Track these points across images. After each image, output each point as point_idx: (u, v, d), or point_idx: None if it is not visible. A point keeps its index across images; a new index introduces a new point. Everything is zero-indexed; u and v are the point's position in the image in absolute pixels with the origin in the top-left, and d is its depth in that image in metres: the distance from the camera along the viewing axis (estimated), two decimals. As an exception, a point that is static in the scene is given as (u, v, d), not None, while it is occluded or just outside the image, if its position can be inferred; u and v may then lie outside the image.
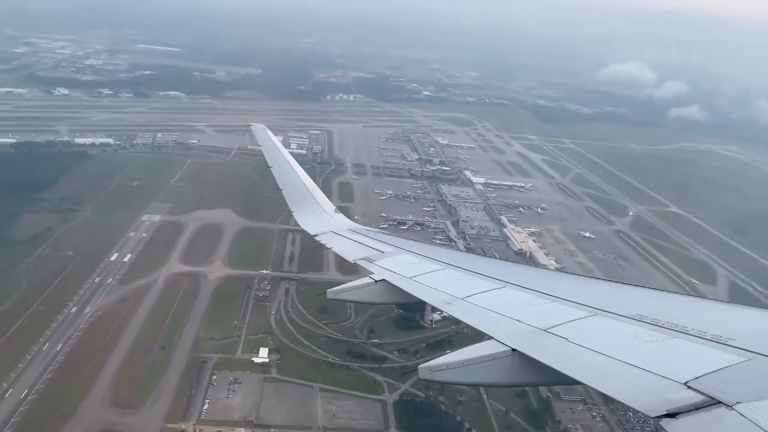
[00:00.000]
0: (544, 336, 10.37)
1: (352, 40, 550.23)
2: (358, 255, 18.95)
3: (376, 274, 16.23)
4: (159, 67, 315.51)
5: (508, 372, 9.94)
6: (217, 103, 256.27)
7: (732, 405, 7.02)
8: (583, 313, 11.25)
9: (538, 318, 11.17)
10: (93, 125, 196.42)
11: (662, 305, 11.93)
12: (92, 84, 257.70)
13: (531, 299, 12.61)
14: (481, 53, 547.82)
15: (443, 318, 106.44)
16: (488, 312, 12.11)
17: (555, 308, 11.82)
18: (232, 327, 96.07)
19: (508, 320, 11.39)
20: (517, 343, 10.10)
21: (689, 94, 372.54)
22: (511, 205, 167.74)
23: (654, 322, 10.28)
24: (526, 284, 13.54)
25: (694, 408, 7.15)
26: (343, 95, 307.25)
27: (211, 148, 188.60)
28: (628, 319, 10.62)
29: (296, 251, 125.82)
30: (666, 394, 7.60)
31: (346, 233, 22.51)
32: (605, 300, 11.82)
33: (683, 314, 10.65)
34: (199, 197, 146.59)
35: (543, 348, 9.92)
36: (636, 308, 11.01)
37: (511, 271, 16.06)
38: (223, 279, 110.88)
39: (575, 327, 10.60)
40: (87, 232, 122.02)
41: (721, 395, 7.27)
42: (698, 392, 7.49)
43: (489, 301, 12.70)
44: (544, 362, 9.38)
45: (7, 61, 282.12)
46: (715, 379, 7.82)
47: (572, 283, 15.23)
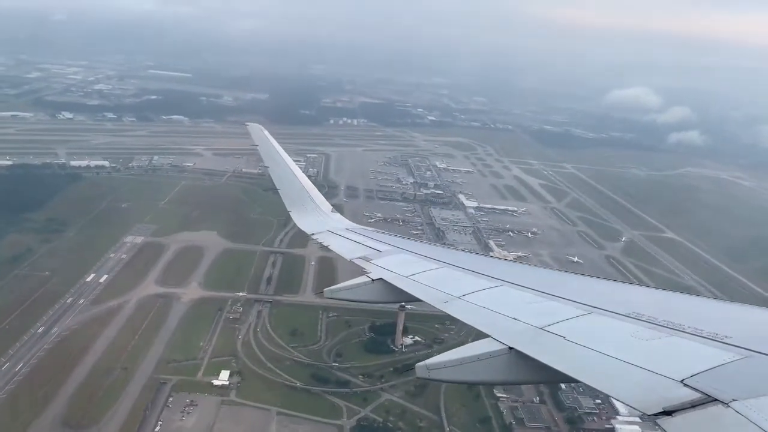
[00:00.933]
0: (541, 334, 10.36)
1: (362, 66, 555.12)
2: (355, 254, 18.83)
3: (373, 273, 16.14)
4: (166, 92, 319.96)
5: (505, 370, 9.93)
6: (219, 127, 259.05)
7: (728, 402, 7.00)
8: (579, 311, 11.25)
9: (535, 316, 11.15)
10: (92, 148, 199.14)
11: (659, 303, 11.93)
12: (98, 108, 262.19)
13: (528, 298, 12.61)
14: (490, 79, 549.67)
15: (414, 342, 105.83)
16: (485, 310, 12.04)
17: (552, 306, 11.79)
18: (197, 349, 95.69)
19: (505, 318, 11.35)
20: (514, 341, 10.08)
21: (694, 120, 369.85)
22: (502, 229, 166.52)
23: (650, 320, 10.30)
24: (524, 283, 13.55)
25: (691, 406, 7.15)
26: (347, 119, 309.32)
27: (206, 170, 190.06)
28: (624, 317, 10.64)
29: (275, 273, 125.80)
30: (662, 392, 7.63)
31: (343, 232, 22.65)
32: (602, 298, 11.86)
33: (679, 312, 10.69)
34: (186, 219, 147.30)
35: (540, 346, 9.90)
36: (633, 306, 11.04)
37: (509, 269, 15.93)
38: (197, 301, 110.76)
39: (572, 325, 10.59)
40: (67, 253, 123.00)
41: (717, 393, 7.26)
42: (695, 390, 7.48)
43: (486, 299, 12.64)
44: (541, 360, 9.38)
45: (18, 85, 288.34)
46: (712, 376, 7.81)
47: (569, 281, 15.18)
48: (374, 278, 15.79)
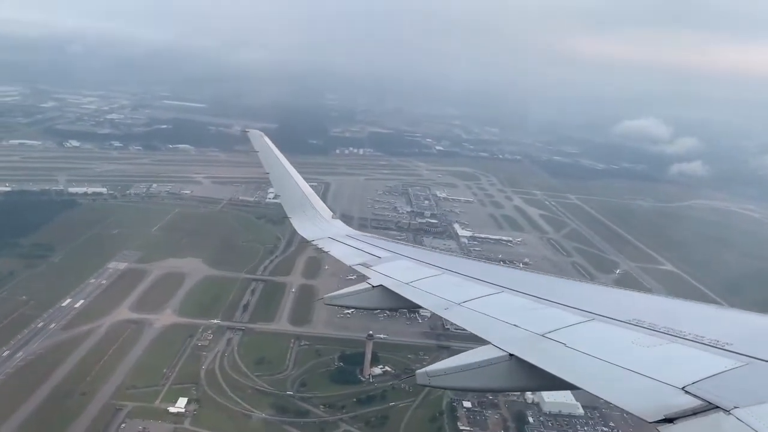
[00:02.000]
0: (542, 341, 10.34)
1: (377, 97, 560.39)
2: (356, 260, 18.79)
3: (373, 279, 16.00)
4: (177, 121, 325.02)
5: (505, 377, 9.90)
6: (224, 156, 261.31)
7: (729, 410, 6.94)
8: (580, 318, 11.23)
9: (535, 323, 11.13)
10: (93, 176, 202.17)
11: (659, 310, 12.01)
12: (106, 137, 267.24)
13: (528, 304, 12.61)
14: (506, 110, 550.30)
15: (384, 372, 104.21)
16: (485, 317, 12.03)
17: (552, 313, 11.81)
18: (159, 375, 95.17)
19: (506, 325, 11.35)
20: (514, 348, 10.07)
21: (704, 150, 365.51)
22: (492, 259, 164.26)
23: (651, 326, 10.27)
24: (524, 289, 13.55)
25: (692, 413, 7.11)
26: (354, 149, 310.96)
27: (202, 198, 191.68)
28: (625, 323, 10.63)
29: (253, 301, 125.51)
30: (663, 399, 7.57)
31: (343, 239, 22.58)
32: (603, 305, 11.86)
33: (680, 319, 10.66)
34: (173, 246, 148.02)
35: (540, 353, 9.88)
36: (633, 313, 11.02)
37: (509, 276, 16.04)
38: (168, 327, 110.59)
39: (572, 332, 10.59)
40: (48, 278, 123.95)
41: (718, 400, 7.20)
42: (696, 397, 7.43)
43: (486, 306, 12.65)
44: (542, 367, 9.35)
45: (31, 114, 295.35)
46: (713, 384, 7.77)
47: (570, 288, 15.05)
48: (374, 285, 15.65)
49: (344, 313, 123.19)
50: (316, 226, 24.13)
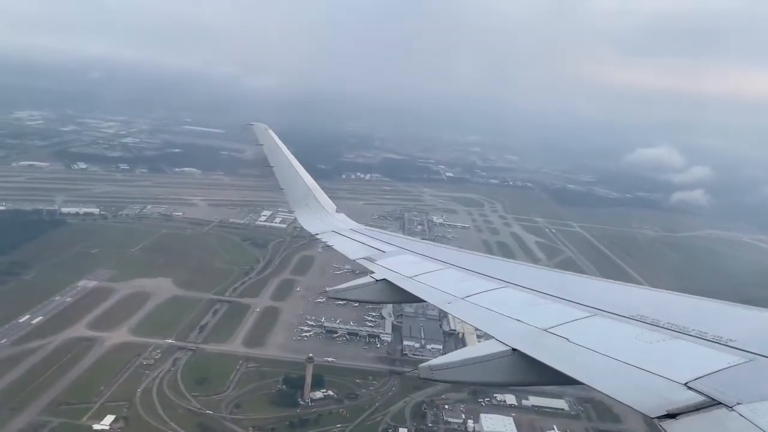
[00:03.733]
0: (545, 336, 10.36)
1: (399, 123, 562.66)
2: (359, 254, 19.01)
3: (377, 273, 16.17)
4: (190, 146, 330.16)
5: (507, 371, 9.90)
6: (228, 179, 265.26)
7: (732, 406, 6.97)
8: (583, 313, 11.23)
9: (538, 318, 11.16)
10: (90, 196, 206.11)
11: (663, 305, 11.86)
12: (115, 160, 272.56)
13: (532, 299, 12.64)
14: (529, 136, 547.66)
15: (325, 396, 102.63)
16: (488, 312, 12.11)
17: (556, 308, 11.79)
18: (95, 393, 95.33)
19: (509, 320, 11.39)
20: (517, 342, 10.07)
21: (717, 179, 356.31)
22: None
23: (654, 322, 10.26)
24: (527, 284, 13.58)
25: (695, 409, 7.11)
26: (360, 174, 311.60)
27: (192, 220, 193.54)
28: (628, 319, 10.63)
29: (212, 321, 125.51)
30: (666, 395, 7.56)
31: (347, 233, 22.85)
32: (606, 300, 11.81)
33: (684, 315, 10.61)
34: (148, 266, 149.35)
35: (543, 348, 9.91)
36: (637, 308, 11.02)
37: (513, 270, 15.97)
38: (119, 345, 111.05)
39: (576, 327, 10.58)
40: (15, 295, 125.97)
41: (721, 396, 7.21)
42: (698, 393, 7.42)
43: (489, 300, 12.72)
44: (544, 362, 9.36)
45: (48, 137, 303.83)
46: (716, 380, 7.76)
47: (573, 283, 14.92)
48: (378, 279, 15.74)
49: (301, 336, 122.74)
50: (319, 219, 24.62)
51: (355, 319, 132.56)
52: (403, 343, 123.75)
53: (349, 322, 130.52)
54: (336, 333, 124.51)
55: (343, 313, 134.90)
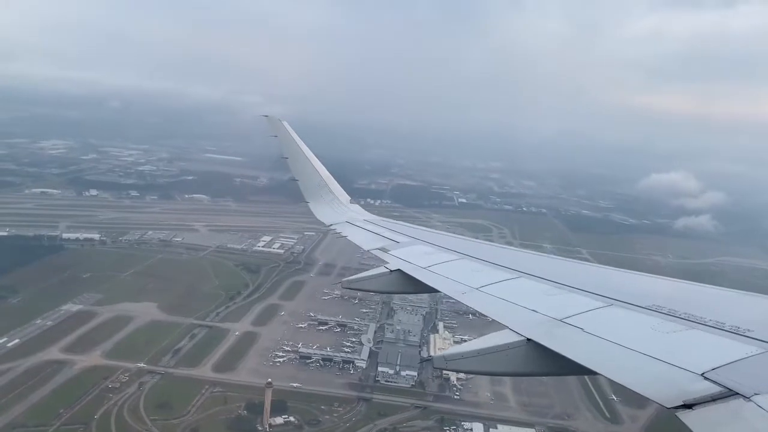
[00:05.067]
0: (560, 326, 10.37)
1: (423, 151, 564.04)
2: (373, 245, 19.33)
3: (391, 264, 16.39)
4: (206, 173, 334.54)
5: (522, 361, 9.92)
6: (235, 205, 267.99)
7: (749, 396, 6.98)
8: (599, 303, 11.29)
9: (553, 308, 11.19)
10: (95, 222, 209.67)
11: (679, 295, 11.96)
12: (128, 187, 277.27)
13: (546, 289, 12.71)
14: (552, 163, 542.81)
15: (285, 422, 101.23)
16: (503, 302, 12.18)
17: (571, 298, 11.87)
18: (53, 415, 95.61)
19: (523, 310, 11.46)
20: (531, 332, 10.08)
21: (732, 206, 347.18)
22: (463, 311, 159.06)
23: (671, 312, 10.28)
24: (542, 274, 13.67)
25: (711, 399, 7.13)
26: (371, 200, 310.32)
27: (190, 245, 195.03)
28: (644, 309, 10.64)
29: (188, 346, 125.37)
30: (682, 385, 7.57)
31: (361, 223, 23.33)
32: (622, 290, 11.87)
33: (701, 304, 10.62)
34: (136, 290, 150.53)
35: (558, 338, 9.91)
36: (652, 298, 11.04)
37: (528, 261, 16.24)
38: (88, 369, 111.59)
39: (591, 317, 10.61)
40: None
41: (738, 386, 7.23)
42: (715, 383, 7.42)
43: (504, 291, 12.81)
44: (559, 352, 9.38)
45: (66, 165, 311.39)
46: (733, 370, 7.76)
47: (589, 272, 15.13)
48: (392, 269, 15.87)
49: (274, 361, 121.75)
50: (333, 210, 25.38)
51: (333, 345, 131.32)
52: (378, 369, 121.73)
53: (327, 347, 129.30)
54: (310, 358, 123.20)
55: (322, 339, 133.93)
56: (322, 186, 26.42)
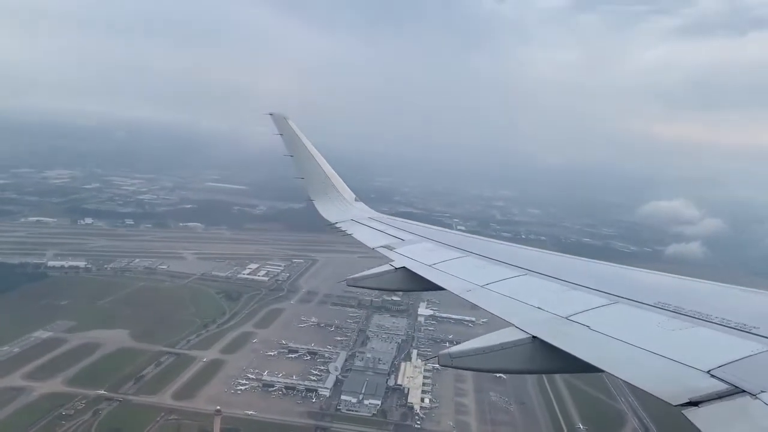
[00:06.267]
0: (565, 324, 10.43)
1: (431, 178, 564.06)
2: (378, 242, 19.57)
3: (396, 261, 16.69)
4: (206, 202, 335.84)
5: (527, 359, 9.98)
6: (229, 233, 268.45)
7: (756, 394, 7.00)
8: (605, 300, 11.36)
9: (558, 305, 11.28)
10: (84, 250, 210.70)
11: (685, 292, 12.05)
12: (124, 215, 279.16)
13: (552, 287, 12.81)
14: (561, 192, 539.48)
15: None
16: (508, 299, 12.25)
17: (576, 296, 11.95)
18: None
19: (529, 307, 11.52)
20: (537, 330, 10.13)
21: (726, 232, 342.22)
22: (441, 339, 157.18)
23: (677, 309, 10.31)
24: (548, 272, 13.79)
25: (717, 397, 7.16)
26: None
27: (175, 273, 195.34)
28: (650, 306, 10.69)
29: (152, 373, 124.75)
30: (688, 383, 7.59)
31: (366, 221, 23.71)
32: (628, 287, 11.97)
33: (707, 302, 10.65)
34: (110, 318, 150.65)
35: (563, 335, 9.96)
36: (658, 295, 11.08)
37: (533, 258, 16.23)
38: (46, 396, 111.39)
39: (597, 315, 10.67)
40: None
41: (744, 384, 7.26)
42: (721, 381, 7.45)
43: (509, 288, 12.93)
44: (565, 350, 9.42)
45: (67, 194, 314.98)
46: (739, 367, 7.78)
47: (594, 270, 15.12)
48: (397, 267, 16.14)
49: (235, 389, 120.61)
50: (338, 208, 25.83)
51: (300, 373, 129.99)
52: (341, 398, 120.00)
53: (292, 375, 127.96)
54: (273, 386, 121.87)
55: (290, 367, 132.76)
56: (327, 184, 26.63)
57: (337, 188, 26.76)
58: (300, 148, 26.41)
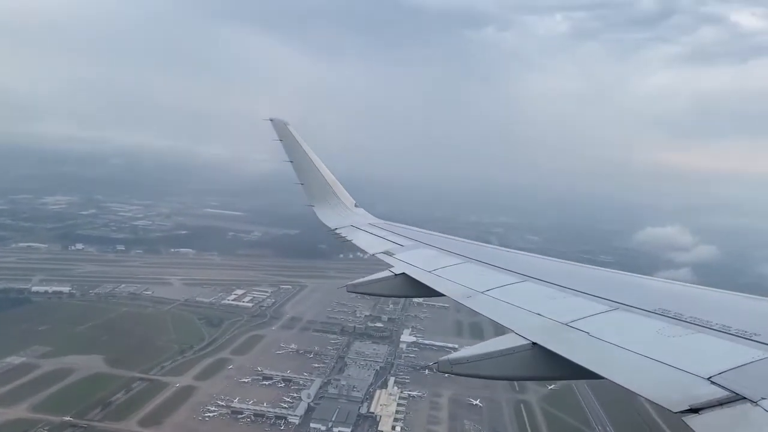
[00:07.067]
0: (565, 330, 10.37)
1: (430, 206, 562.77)
2: (378, 248, 19.53)
3: (396, 267, 16.55)
4: (201, 228, 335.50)
5: (527, 365, 9.93)
6: (219, 259, 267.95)
7: (757, 401, 6.90)
8: (605, 307, 11.26)
9: (558, 312, 11.21)
10: (70, 276, 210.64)
11: (686, 299, 12.02)
12: (116, 241, 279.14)
13: (552, 293, 12.75)
14: (562, 219, 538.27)
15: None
16: (508, 305, 12.23)
17: (576, 302, 11.89)
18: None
19: (528, 314, 11.49)
20: (537, 336, 10.08)
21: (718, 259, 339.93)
22: (421, 366, 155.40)
23: (677, 316, 10.22)
24: (548, 278, 13.72)
25: (718, 403, 7.08)
26: (360, 254, 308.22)
27: (158, 298, 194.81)
28: (650, 313, 10.60)
29: (121, 400, 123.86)
30: (689, 390, 7.53)
31: (366, 227, 23.76)
32: (628, 294, 11.90)
33: (707, 308, 10.60)
34: (86, 343, 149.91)
35: (563, 342, 9.92)
36: (659, 302, 10.98)
37: (533, 264, 16.30)
38: (10, 422, 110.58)
39: (597, 321, 10.61)
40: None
41: (745, 391, 7.17)
42: (722, 387, 7.35)
43: (509, 294, 12.88)
44: (565, 356, 9.39)
45: (63, 220, 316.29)
46: (740, 374, 7.70)
47: (594, 276, 15.16)
48: (397, 273, 15.99)
49: (203, 416, 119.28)
50: (338, 214, 25.67)
51: (271, 400, 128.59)
52: (310, 426, 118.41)
53: (263, 403, 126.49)
54: (242, 413, 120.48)
55: (262, 394, 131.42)
56: (327, 190, 26.53)
57: (337, 194, 26.68)
58: (300, 153, 26.43)
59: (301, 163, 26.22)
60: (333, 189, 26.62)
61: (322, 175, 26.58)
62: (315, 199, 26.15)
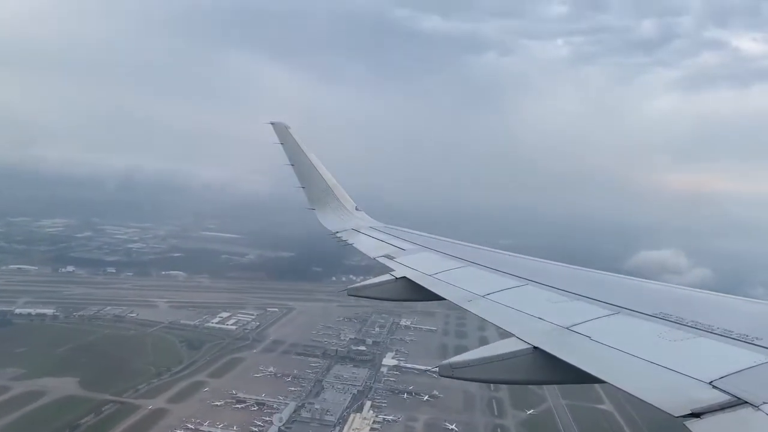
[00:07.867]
0: (566, 334, 10.34)
1: (429, 228, 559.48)
2: (379, 252, 19.58)
3: (397, 271, 16.61)
4: (195, 250, 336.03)
5: (528, 370, 9.90)
6: (209, 281, 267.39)
7: (758, 405, 6.85)
8: (606, 311, 11.26)
9: (560, 316, 11.17)
10: (56, 298, 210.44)
11: (687, 303, 11.95)
12: (107, 264, 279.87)
13: (553, 297, 12.73)
14: (566, 241, 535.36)
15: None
16: (509, 309, 12.20)
17: (578, 306, 11.90)
18: None
19: (530, 318, 11.43)
20: (538, 340, 10.06)
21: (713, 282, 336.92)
22: (400, 390, 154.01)
23: (678, 320, 10.19)
24: (549, 282, 13.72)
25: (719, 408, 7.02)
26: (353, 277, 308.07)
27: (142, 321, 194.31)
28: (651, 317, 10.58)
29: (90, 422, 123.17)
30: (690, 394, 7.46)
31: (367, 231, 23.72)
32: (629, 298, 11.94)
33: (708, 312, 10.61)
34: (63, 366, 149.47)
35: (565, 346, 9.87)
36: (660, 306, 10.98)
37: (534, 268, 16.24)
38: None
39: (598, 325, 10.56)
40: None
41: (747, 395, 7.12)
42: (723, 392, 7.32)
43: (510, 298, 12.88)
44: (566, 360, 9.34)
45: (57, 243, 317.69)
46: (741, 378, 7.65)
47: (595, 280, 15.09)
48: (398, 277, 16.05)
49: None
50: (339, 217, 25.65)
51: (242, 424, 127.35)
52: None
53: (233, 426, 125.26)
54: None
55: (233, 417, 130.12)
56: (328, 193, 26.53)
57: (338, 197, 26.59)
58: (301, 157, 26.49)
59: (302, 167, 26.40)
60: (334, 192, 26.65)
61: (323, 178, 26.66)
62: (316, 202, 26.23)
